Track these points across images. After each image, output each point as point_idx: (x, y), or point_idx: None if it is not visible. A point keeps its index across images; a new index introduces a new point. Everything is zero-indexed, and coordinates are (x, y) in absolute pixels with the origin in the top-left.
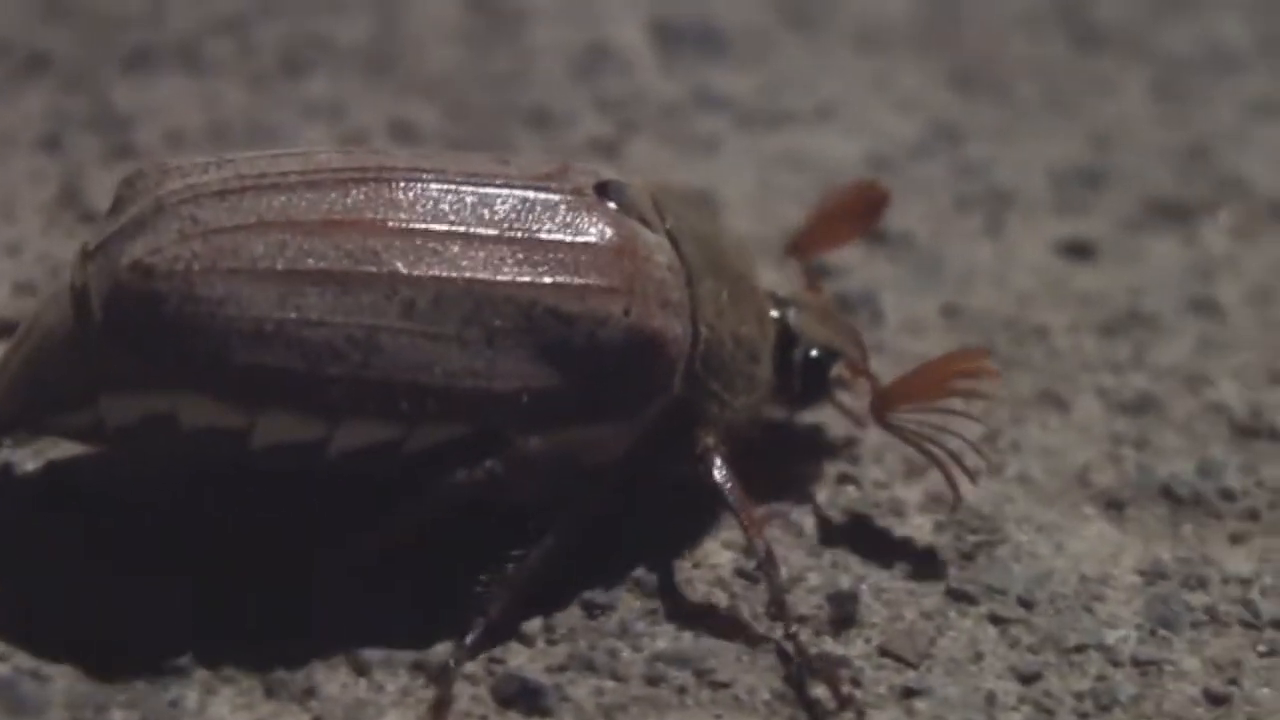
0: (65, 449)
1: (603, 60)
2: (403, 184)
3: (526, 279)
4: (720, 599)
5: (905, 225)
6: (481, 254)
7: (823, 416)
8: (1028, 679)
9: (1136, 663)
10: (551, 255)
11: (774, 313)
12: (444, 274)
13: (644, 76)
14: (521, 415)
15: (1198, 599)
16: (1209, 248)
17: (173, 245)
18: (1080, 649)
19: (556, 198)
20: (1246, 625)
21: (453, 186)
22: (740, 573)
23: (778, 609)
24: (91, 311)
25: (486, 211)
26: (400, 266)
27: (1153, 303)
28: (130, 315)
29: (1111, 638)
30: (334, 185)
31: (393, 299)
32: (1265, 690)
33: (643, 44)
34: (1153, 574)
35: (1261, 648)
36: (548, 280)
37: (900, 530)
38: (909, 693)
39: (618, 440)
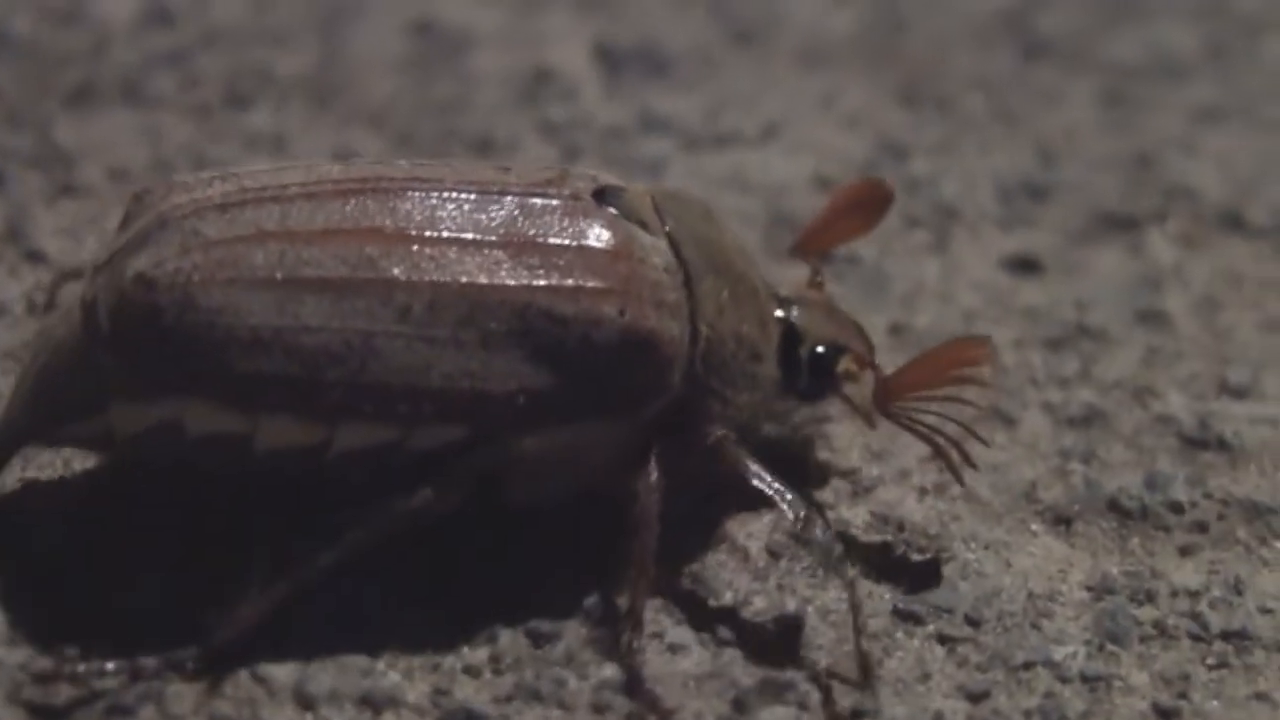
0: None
1: (546, 85)
2: (400, 193)
3: (521, 281)
4: (666, 624)
5: (851, 243)
6: (477, 258)
7: (767, 438)
8: (976, 698)
9: (1085, 679)
10: (546, 258)
11: (778, 312)
12: (439, 278)
13: (587, 100)
14: (519, 416)
15: (1146, 613)
16: (1156, 258)
17: (174, 258)
18: (1028, 666)
19: (554, 202)
20: (1195, 638)
21: (450, 194)
22: (686, 597)
23: (835, 571)
24: (99, 323)
25: (482, 217)
26: (396, 272)
27: (1100, 316)
28: (134, 326)
29: (1059, 654)
30: (333, 196)
31: (389, 304)
32: (1215, 703)
33: (586, 68)
34: (1100, 589)
35: (1211, 660)
36: (541, 282)
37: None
38: (857, 714)
39: (620, 439)
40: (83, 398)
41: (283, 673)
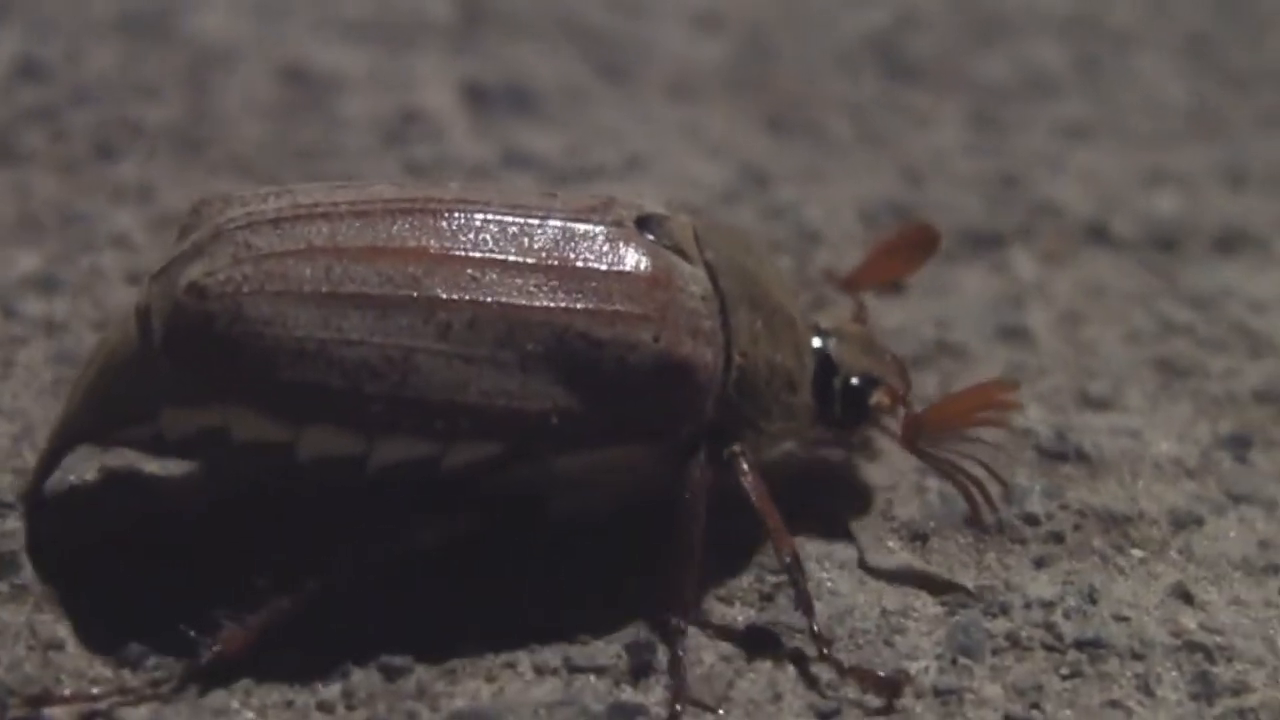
0: None
1: (413, 125)
2: (446, 214)
3: (560, 305)
4: (520, 654)
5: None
6: (518, 280)
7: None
8: (826, 716)
9: (937, 692)
10: (586, 283)
11: (815, 342)
12: (480, 298)
13: (454, 139)
14: (554, 435)
15: (1000, 625)
16: (1020, 275)
17: (226, 268)
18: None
19: (596, 229)
20: (1049, 648)
21: (495, 217)
22: (539, 627)
23: (806, 615)
24: (153, 330)
25: (526, 240)
26: (438, 291)
27: (961, 333)
28: (186, 333)
29: (912, 669)
30: (382, 215)
31: (430, 321)
32: (1068, 712)
33: (453, 107)
34: (954, 604)
35: (1064, 670)
36: (580, 306)
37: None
38: None
39: (654, 461)
40: (136, 402)
41: (137, 714)
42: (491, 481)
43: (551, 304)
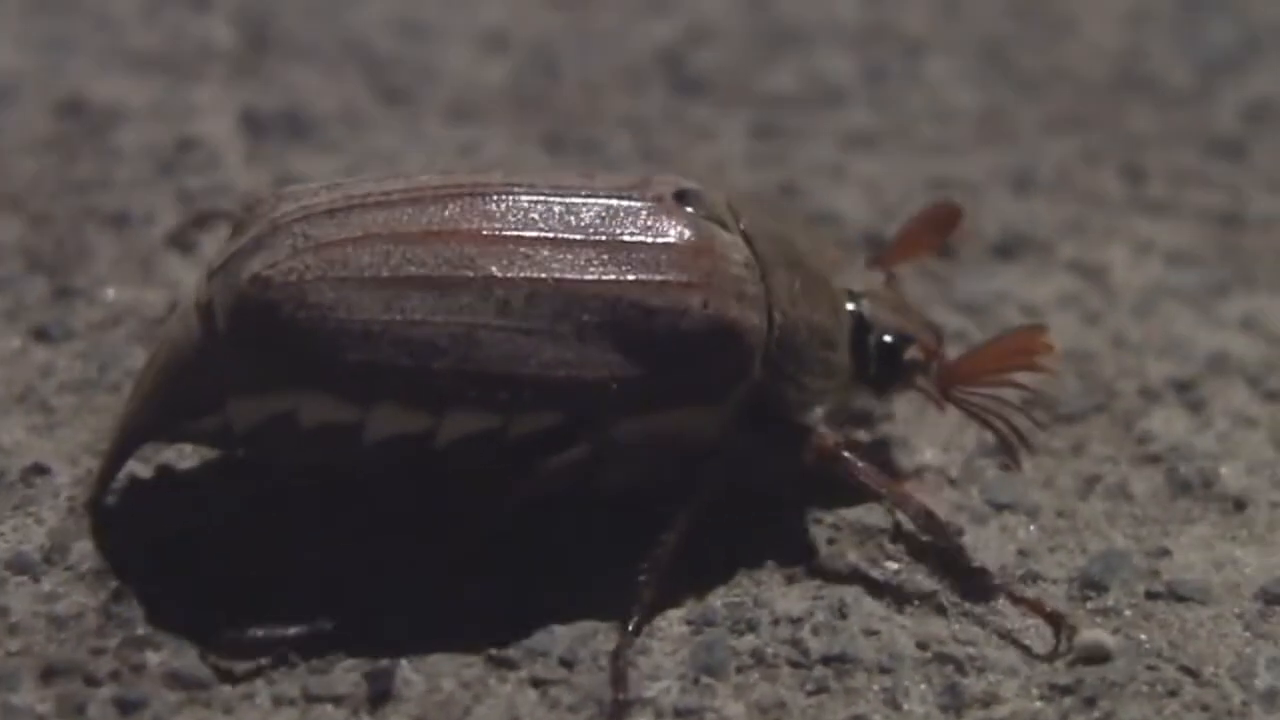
0: None
1: (189, 155)
2: (496, 197)
3: (612, 276)
4: (259, 685)
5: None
6: (570, 256)
7: None
8: None
9: (678, 713)
10: (635, 255)
11: (849, 304)
12: (536, 274)
13: (229, 168)
14: (612, 402)
15: (746, 643)
16: None
17: (287, 259)
18: (620, 705)
19: (638, 204)
20: (795, 665)
21: (542, 198)
22: (279, 655)
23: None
24: (217, 323)
25: (573, 219)
26: (495, 270)
27: None
28: (252, 323)
29: (653, 690)
30: (433, 200)
31: (489, 299)
32: None
33: (230, 136)
34: (701, 622)
35: (810, 686)
36: (631, 277)
37: (443, 601)
38: None
39: (707, 424)
40: (202, 395)
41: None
42: (551, 453)
43: (604, 276)
